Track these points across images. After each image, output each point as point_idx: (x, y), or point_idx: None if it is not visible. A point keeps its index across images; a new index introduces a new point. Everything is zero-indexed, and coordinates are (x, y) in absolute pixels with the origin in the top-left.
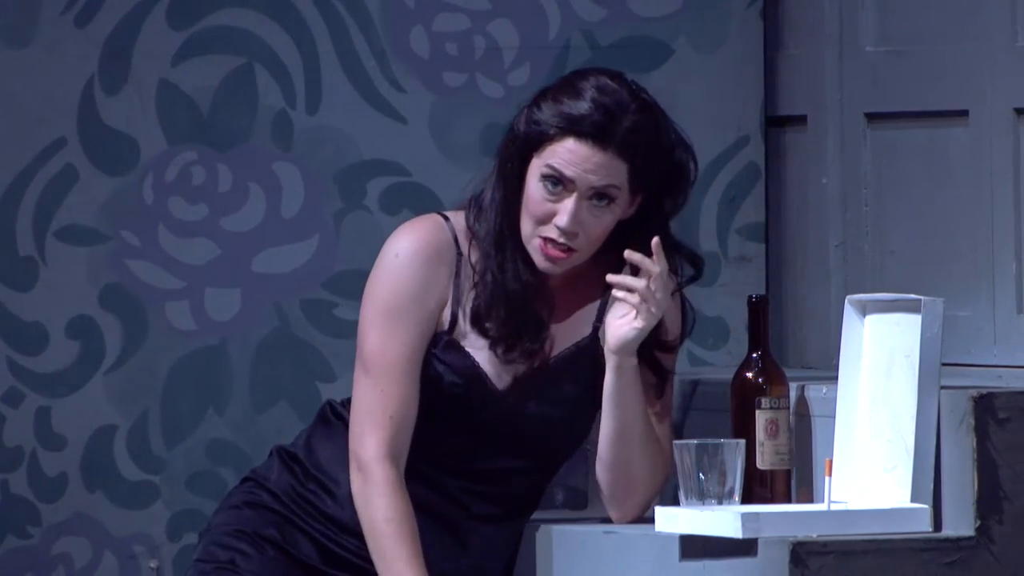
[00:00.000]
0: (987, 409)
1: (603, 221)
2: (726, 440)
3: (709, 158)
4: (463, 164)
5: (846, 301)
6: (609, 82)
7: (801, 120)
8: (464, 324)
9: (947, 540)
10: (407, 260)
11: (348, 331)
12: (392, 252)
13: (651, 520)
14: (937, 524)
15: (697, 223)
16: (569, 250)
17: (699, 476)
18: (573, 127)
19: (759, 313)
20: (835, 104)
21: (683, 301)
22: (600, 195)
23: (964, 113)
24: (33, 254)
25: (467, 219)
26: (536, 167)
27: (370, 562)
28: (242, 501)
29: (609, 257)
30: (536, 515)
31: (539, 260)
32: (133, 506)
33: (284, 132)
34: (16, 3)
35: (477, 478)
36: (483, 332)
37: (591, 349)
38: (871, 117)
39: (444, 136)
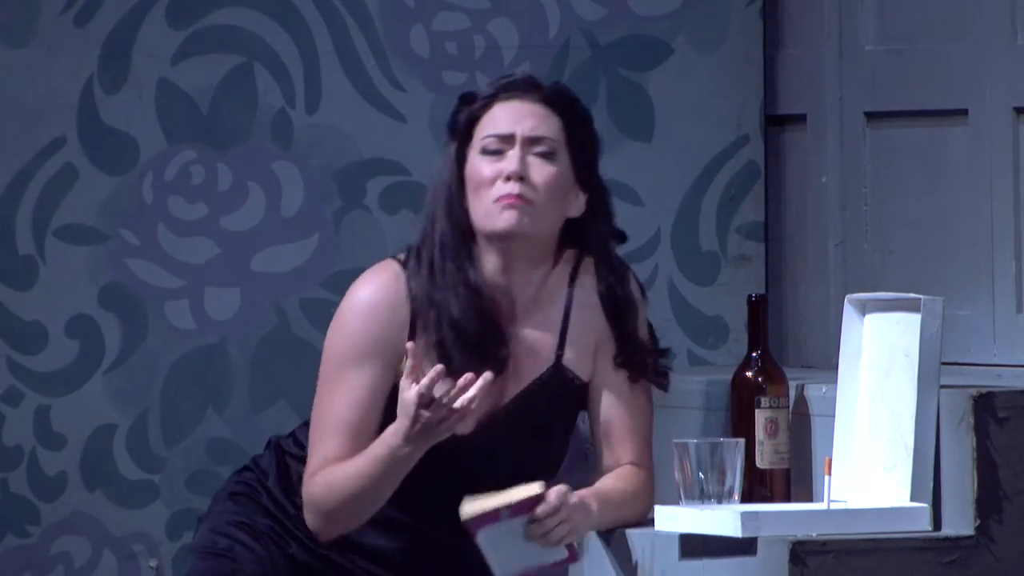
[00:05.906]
0: (987, 408)
1: (549, 174)
2: (726, 439)
3: (709, 157)
4: None
5: (846, 300)
6: None
7: (801, 119)
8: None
9: (947, 539)
10: (361, 315)
11: None
12: (348, 308)
13: (651, 519)
14: (937, 523)
15: (697, 222)
16: (522, 198)
17: (699, 475)
18: (498, 92)
19: (758, 312)
20: (835, 103)
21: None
22: (538, 146)
23: (964, 112)
24: (33, 253)
25: (406, 271)
26: (473, 155)
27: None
28: (241, 491)
29: (559, 275)
30: None
31: (500, 220)
32: (132, 505)
33: (284, 131)
34: (16, 3)
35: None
36: (449, 361)
37: (555, 377)
38: (871, 116)
39: (444, 135)
